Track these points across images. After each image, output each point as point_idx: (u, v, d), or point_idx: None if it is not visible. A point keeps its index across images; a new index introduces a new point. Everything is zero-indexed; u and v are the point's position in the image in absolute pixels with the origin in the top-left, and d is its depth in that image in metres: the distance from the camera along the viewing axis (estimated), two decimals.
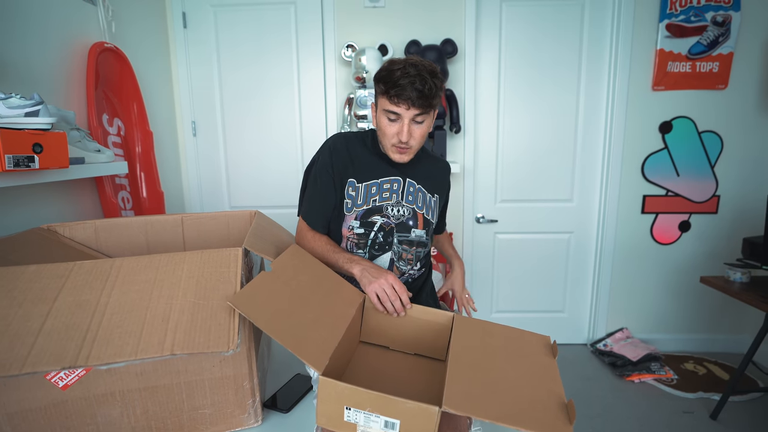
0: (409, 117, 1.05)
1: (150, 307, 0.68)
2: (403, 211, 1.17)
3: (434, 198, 1.23)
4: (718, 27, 2.18)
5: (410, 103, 1.02)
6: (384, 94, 1.05)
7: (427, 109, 1.05)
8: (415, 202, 1.18)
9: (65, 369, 0.58)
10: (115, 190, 1.78)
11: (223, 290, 0.73)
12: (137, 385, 0.80)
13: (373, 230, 1.15)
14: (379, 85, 1.07)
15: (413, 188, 1.19)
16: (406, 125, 1.05)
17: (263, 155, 2.44)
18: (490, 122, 2.42)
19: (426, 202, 1.20)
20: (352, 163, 1.16)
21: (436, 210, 1.24)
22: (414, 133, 1.07)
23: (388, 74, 1.03)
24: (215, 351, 0.64)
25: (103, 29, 1.70)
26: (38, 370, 0.59)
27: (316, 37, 2.31)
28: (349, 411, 0.74)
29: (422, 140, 1.12)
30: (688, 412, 1.99)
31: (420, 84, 1.00)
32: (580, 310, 2.62)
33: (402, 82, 1.00)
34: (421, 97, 1.01)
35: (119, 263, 0.75)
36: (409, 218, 1.17)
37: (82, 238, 1.14)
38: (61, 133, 1.14)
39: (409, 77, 1.00)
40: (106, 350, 0.61)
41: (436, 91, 1.04)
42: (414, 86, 1.00)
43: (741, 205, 2.39)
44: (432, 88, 1.02)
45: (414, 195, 1.18)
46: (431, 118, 1.10)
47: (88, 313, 0.66)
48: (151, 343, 0.63)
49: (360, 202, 1.14)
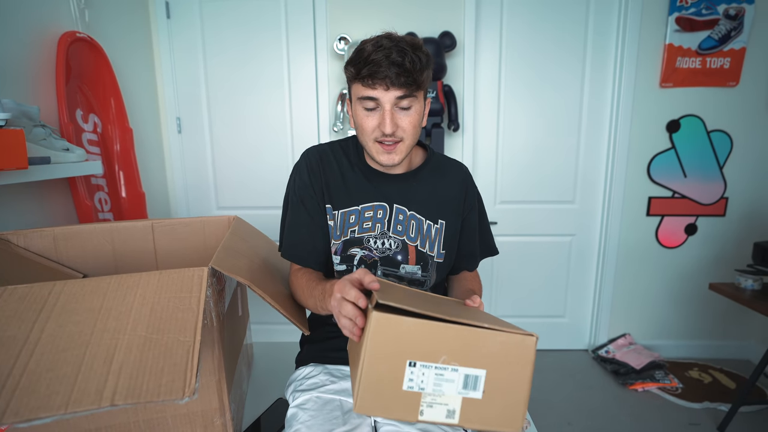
0: (390, 102, 0.82)
1: (91, 344, 0.58)
2: (389, 243, 0.94)
3: (436, 225, 0.96)
4: (730, 20, 2.07)
5: (389, 82, 0.79)
6: (356, 78, 0.83)
7: (412, 89, 0.81)
8: (406, 233, 0.94)
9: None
10: (91, 191, 1.66)
11: (182, 320, 0.63)
12: (86, 426, 0.70)
13: (353, 265, 0.94)
14: (349, 69, 0.85)
15: (403, 216, 0.94)
16: (388, 112, 0.82)
17: (252, 153, 2.32)
18: (490, 120, 2.31)
19: (422, 231, 0.95)
20: (327, 186, 0.95)
21: (440, 240, 0.96)
22: (400, 122, 0.84)
23: (357, 53, 0.82)
24: (167, 399, 0.53)
25: (75, 17, 1.58)
26: None
27: (308, 29, 2.19)
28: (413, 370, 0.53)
29: (414, 133, 0.87)
30: (694, 423, 1.91)
31: (398, 56, 0.78)
32: (581, 315, 2.52)
33: (375, 57, 0.79)
34: (402, 74, 0.79)
35: (60, 287, 0.64)
36: (396, 252, 0.93)
37: (39, 248, 1.02)
38: (18, 130, 1.03)
39: (384, 50, 0.79)
40: (29, 402, 0.50)
41: (422, 66, 0.81)
42: (390, 59, 0.78)
43: (750, 208, 2.29)
44: (415, 62, 0.79)
45: (404, 224, 0.94)
46: (420, 104, 0.86)
47: (13, 353, 0.55)
48: (86, 392, 0.52)
49: (338, 233, 0.94)
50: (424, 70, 0.82)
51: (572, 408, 2.02)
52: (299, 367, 0.99)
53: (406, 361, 0.53)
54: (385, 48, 0.79)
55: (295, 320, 0.86)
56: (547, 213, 2.39)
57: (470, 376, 0.53)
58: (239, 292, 1.10)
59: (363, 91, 0.83)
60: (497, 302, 2.50)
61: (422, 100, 0.87)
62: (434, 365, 0.53)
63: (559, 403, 2.06)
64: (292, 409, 0.87)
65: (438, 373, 0.53)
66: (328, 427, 0.79)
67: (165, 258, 1.13)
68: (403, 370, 0.52)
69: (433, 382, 0.53)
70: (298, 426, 0.81)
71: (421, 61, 0.80)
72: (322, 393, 0.88)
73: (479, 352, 0.53)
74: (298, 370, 0.99)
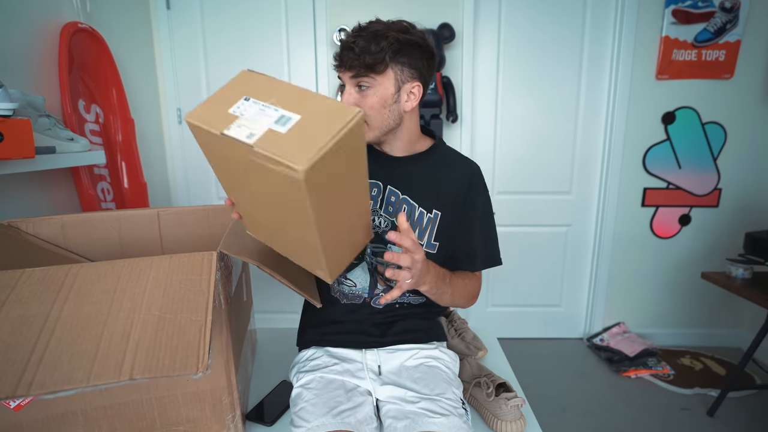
0: (348, 83, 0.88)
1: (108, 323, 0.61)
2: (379, 221, 0.95)
3: (430, 215, 0.94)
4: (726, 13, 2.09)
5: (345, 66, 0.86)
6: None
7: (361, 70, 0.84)
8: (396, 216, 0.93)
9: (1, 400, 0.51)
10: (94, 181, 1.68)
11: (193, 301, 0.66)
12: (101, 403, 0.73)
13: None
14: None
15: (395, 198, 0.94)
16: (346, 91, 0.88)
17: None
18: (488, 111, 2.33)
19: (414, 217, 0.94)
20: None
21: (432, 230, 0.95)
22: (361, 103, 0.86)
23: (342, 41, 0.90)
24: (182, 373, 0.56)
25: (76, 8, 1.59)
26: None
27: (307, 20, 2.20)
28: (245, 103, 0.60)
29: (378, 115, 0.87)
30: (685, 408, 1.96)
31: (352, 38, 0.84)
32: (576, 304, 2.57)
33: (342, 43, 0.87)
34: (354, 57, 0.83)
35: (76, 270, 0.67)
36: (386, 231, 0.93)
37: (47, 235, 1.05)
38: (25, 120, 1.05)
39: (349, 36, 0.86)
40: (53, 376, 0.53)
41: (375, 51, 0.82)
42: (347, 44, 0.85)
43: (743, 199, 2.33)
44: (365, 47, 0.82)
45: (395, 206, 0.94)
46: (381, 88, 0.86)
47: (35, 331, 0.58)
48: (106, 367, 0.55)
49: None
50: (377, 54, 0.82)
51: (567, 394, 2.07)
52: (302, 350, 1.03)
53: (243, 96, 0.61)
54: (352, 35, 0.86)
55: (307, 295, 0.89)
56: (543, 203, 2.42)
57: (285, 116, 0.57)
58: (244, 278, 1.13)
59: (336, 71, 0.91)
60: (494, 291, 2.54)
61: (388, 82, 0.86)
62: (261, 102, 0.59)
63: (554, 389, 2.11)
64: (297, 389, 0.90)
65: (261, 109, 0.59)
66: (332, 405, 0.83)
67: (171, 245, 1.15)
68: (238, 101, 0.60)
69: (254, 113, 0.58)
70: (303, 404, 0.84)
71: (375, 46, 0.82)
72: (325, 373, 0.91)
73: (303, 106, 0.58)
74: (300, 353, 1.02)
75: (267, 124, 0.56)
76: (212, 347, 0.63)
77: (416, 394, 0.86)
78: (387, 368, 0.95)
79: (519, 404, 0.88)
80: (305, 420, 0.81)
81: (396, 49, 0.84)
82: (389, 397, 0.89)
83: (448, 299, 0.92)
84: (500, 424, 0.87)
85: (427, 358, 0.95)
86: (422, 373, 0.91)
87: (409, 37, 0.85)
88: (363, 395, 0.89)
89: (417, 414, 0.81)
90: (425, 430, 0.77)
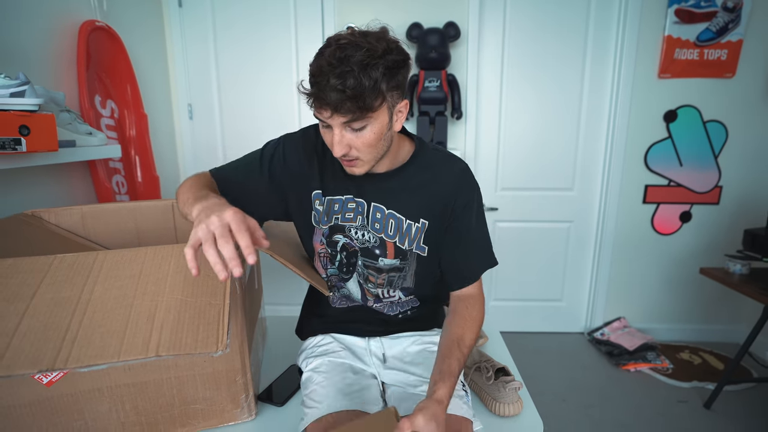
0: (338, 126, 0.75)
1: (134, 305, 0.66)
2: (368, 236, 0.91)
3: (417, 224, 0.90)
4: (728, 13, 2.12)
5: (332, 109, 0.72)
6: None
7: (360, 112, 0.72)
8: (384, 231, 0.91)
9: (42, 372, 0.56)
10: (109, 174, 1.74)
11: (212, 286, 0.71)
12: (125, 381, 0.78)
13: (337, 251, 0.94)
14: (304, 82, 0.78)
15: (381, 215, 0.90)
16: (337, 135, 0.76)
17: (261, 139, 2.35)
18: (492, 109, 2.37)
19: (402, 229, 0.90)
20: (320, 171, 0.91)
21: (421, 237, 0.91)
22: (353, 142, 0.77)
23: (312, 64, 0.75)
24: (203, 352, 0.61)
25: (94, 7, 1.64)
26: (13, 374, 0.56)
27: (316, 19, 2.24)
28: None
29: (371, 150, 0.80)
30: (682, 401, 2.00)
31: (337, 79, 0.69)
32: (578, 299, 2.61)
33: (318, 79, 0.71)
34: (344, 99, 0.70)
35: (102, 256, 0.73)
36: (375, 246, 0.91)
37: (68, 224, 1.11)
38: (50, 115, 1.10)
39: (325, 71, 0.70)
40: (87, 352, 0.58)
41: (373, 86, 0.71)
42: (330, 84, 0.69)
43: (743, 197, 2.36)
44: (358, 85, 0.69)
45: (381, 222, 0.90)
46: (378, 122, 0.77)
47: (68, 311, 0.63)
48: (135, 344, 0.60)
49: (325, 219, 0.92)
50: (375, 90, 0.71)
51: (567, 386, 2.12)
52: (308, 338, 1.07)
53: None
54: (325, 69, 0.70)
55: (315, 282, 0.94)
56: (546, 200, 2.46)
57: None
58: (255, 268, 1.18)
59: (315, 111, 0.76)
60: (497, 285, 2.58)
61: (383, 114, 0.77)
62: None
63: (555, 381, 2.15)
64: (307, 372, 0.95)
65: None
66: (341, 386, 0.88)
67: (185, 235, 1.20)
68: None
69: None
70: (314, 386, 0.89)
71: (371, 79, 0.70)
72: (333, 358, 0.96)
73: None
74: (307, 340, 1.07)
75: None
76: (230, 328, 0.68)
77: (419, 378, 0.91)
78: (391, 354, 1.00)
79: (517, 387, 0.93)
80: (317, 401, 0.86)
81: (388, 76, 0.73)
82: (393, 380, 0.94)
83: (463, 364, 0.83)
84: (499, 405, 0.92)
85: (428, 344, 1.00)
86: (424, 358, 0.96)
87: (396, 58, 0.74)
88: (369, 378, 0.94)
89: (419, 397, 0.86)
90: None
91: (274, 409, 0.97)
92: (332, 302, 1.02)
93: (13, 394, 0.69)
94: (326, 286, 0.99)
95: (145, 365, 0.77)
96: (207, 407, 0.86)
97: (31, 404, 0.72)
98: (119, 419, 0.80)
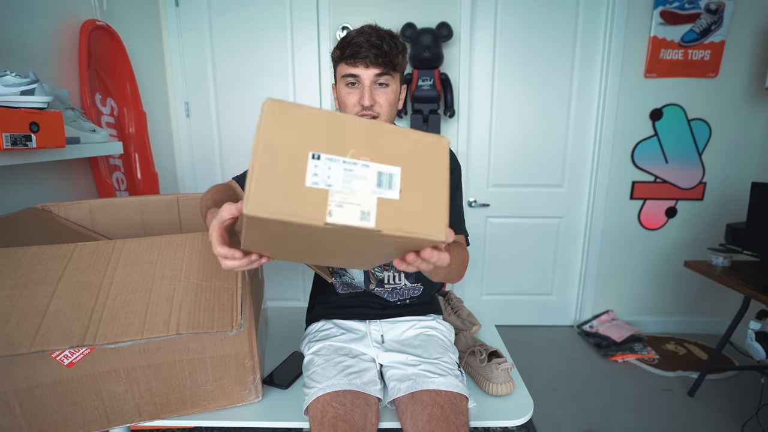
0: (369, 78, 0.93)
1: (154, 288, 0.70)
2: None
3: None
4: (711, 15, 2.20)
5: (368, 62, 0.91)
6: (340, 59, 0.95)
7: (388, 68, 0.93)
8: None
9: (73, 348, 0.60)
10: (110, 170, 1.77)
11: (225, 271, 0.75)
12: (140, 363, 0.83)
13: None
14: (335, 51, 0.97)
15: None
16: (367, 87, 0.93)
17: None
18: (484, 107, 2.43)
19: None
20: None
21: None
22: (378, 98, 0.95)
23: (341, 40, 0.96)
24: (220, 331, 0.66)
25: (94, 6, 1.67)
26: (47, 349, 0.61)
27: (311, 18, 2.28)
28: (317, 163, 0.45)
29: (390, 109, 0.97)
30: (667, 389, 2.08)
31: (377, 39, 0.91)
32: (567, 293, 2.68)
33: (357, 40, 0.91)
34: (380, 55, 0.91)
35: (120, 245, 0.77)
36: None
37: (77, 218, 1.14)
38: (58, 113, 1.14)
39: (365, 35, 0.92)
40: (113, 330, 0.63)
41: (397, 51, 0.94)
42: (370, 41, 0.91)
43: (726, 192, 2.45)
44: (391, 46, 0.92)
45: None
46: (396, 85, 0.97)
47: (93, 294, 0.67)
48: (156, 323, 0.65)
49: None
50: (399, 54, 0.94)
51: (557, 376, 2.19)
52: (311, 323, 1.13)
53: (309, 153, 0.45)
54: (366, 33, 0.92)
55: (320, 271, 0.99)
56: (536, 196, 2.53)
57: (384, 173, 0.46)
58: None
59: (346, 69, 0.94)
60: (488, 280, 2.65)
61: (398, 82, 0.98)
62: (342, 159, 0.45)
63: (544, 372, 2.22)
64: (309, 356, 1.01)
65: (347, 168, 0.45)
66: (340, 368, 0.93)
67: (189, 229, 1.25)
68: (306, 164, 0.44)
69: (342, 178, 0.45)
70: (315, 368, 0.95)
71: (396, 47, 0.93)
72: (333, 342, 1.01)
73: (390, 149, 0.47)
74: (310, 325, 1.12)
75: (370, 190, 0.45)
76: (244, 309, 0.73)
77: (417, 358, 0.96)
78: (389, 337, 1.05)
79: (508, 368, 0.98)
80: (317, 381, 0.91)
81: (403, 52, 0.96)
82: (392, 362, 0.99)
83: (443, 273, 0.85)
84: (492, 386, 0.98)
85: (425, 328, 1.05)
86: (421, 341, 1.02)
87: (404, 42, 0.97)
88: (368, 361, 0.99)
89: (418, 375, 0.91)
90: (426, 388, 0.88)
91: (279, 392, 1.02)
92: (336, 288, 1.07)
93: (37, 374, 0.74)
94: (329, 273, 1.05)
95: (160, 348, 0.81)
96: (217, 388, 0.90)
97: (53, 384, 0.76)
98: (134, 399, 0.84)
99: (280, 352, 1.20)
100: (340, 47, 0.95)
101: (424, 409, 0.84)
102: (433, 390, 0.87)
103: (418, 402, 0.86)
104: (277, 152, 0.44)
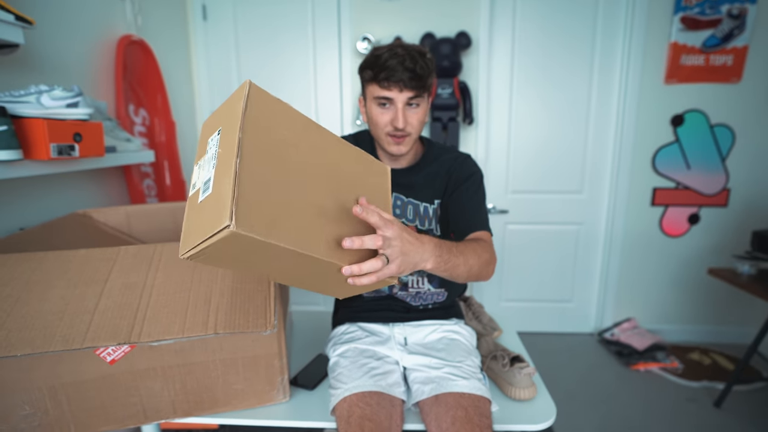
0: (402, 101, 0.96)
1: (192, 290, 0.75)
2: None
3: (433, 205, 1.09)
4: (733, 20, 2.18)
5: (402, 85, 0.94)
6: (372, 80, 0.97)
7: (421, 90, 0.96)
8: (404, 216, 1.08)
9: (119, 344, 0.65)
10: (141, 177, 1.84)
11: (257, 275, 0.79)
12: (176, 362, 0.87)
13: None
14: (366, 71, 0.99)
15: (401, 202, 1.09)
16: (401, 110, 0.97)
17: None
18: (502, 114, 2.44)
19: (420, 213, 1.09)
20: None
21: (435, 216, 1.10)
22: (410, 118, 0.98)
23: (374, 59, 0.96)
24: (254, 331, 0.70)
25: (129, 22, 1.75)
26: (97, 345, 0.65)
27: (332, 30, 2.34)
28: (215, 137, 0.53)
29: (420, 127, 1.02)
30: (692, 400, 2.04)
31: (411, 63, 0.92)
32: (587, 300, 2.66)
33: (391, 63, 0.93)
34: (414, 78, 0.93)
35: (161, 248, 0.82)
36: None
37: (114, 223, 1.20)
38: (98, 123, 1.21)
39: (398, 57, 0.93)
40: (156, 328, 0.67)
41: (429, 71, 0.96)
42: (404, 65, 0.92)
43: (751, 199, 2.41)
44: (424, 68, 0.94)
45: (402, 208, 1.09)
46: (426, 104, 1.01)
47: (137, 294, 0.72)
48: (196, 323, 0.69)
49: None
50: (430, 76, 0.98)
51: (577, 384, 2.17)
52: (336, 326, 1.16)
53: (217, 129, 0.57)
54: (399, 56, 0.93)
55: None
56: (555, 202, 2.53)
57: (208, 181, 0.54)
58: None
59: (379, 92, 0.97)
60: (508, 287, 2.65)
61: (427, 99, 1.02)
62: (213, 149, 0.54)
63: (565, 380, 2.21)
64: (334, 358, 1.04)
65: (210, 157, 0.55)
66: (365, 370, 0.96)
67: None
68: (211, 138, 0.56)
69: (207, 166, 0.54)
70: (341, 370, 0.98)
71: (428, 67, 0.96)
72: (358, 344, 1.04)
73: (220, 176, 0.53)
74: (335, 328, 1.16)
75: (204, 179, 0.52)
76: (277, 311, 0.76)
77: (440, 361, 0.99)
78: (413, 340, 1.08)
79: (531, 373, 1.00)
80: (343, 382, 0.94)
81: (434, 69, 1.00)
82: (415, 364, 1.01)
83: (464, 270, 0.85)
84: (515, 390, 0.99)
85: (448, 331, 1.08)
86: (444, 344, 1.04)
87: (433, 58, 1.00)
88: (392, 364, 1.02)
89: (441, 378, 0.93)
90: (449, 391, 0.90)
91: (305, 393, 1.05)
92: None
93: (83, 370, 0.78)
94: None
95: (194, 348, 0.85)
96: (246, 387, 0.94)
97: (96, 380, 0.81)
98: (170, 397, 0.88)
99: (305, 354, 1.24)
100: (372, 68, 0.96)
101: (449, 411, 0.86)
102: (457, 393, 0.89)
103: (442, 404, 0.88)
104: None
